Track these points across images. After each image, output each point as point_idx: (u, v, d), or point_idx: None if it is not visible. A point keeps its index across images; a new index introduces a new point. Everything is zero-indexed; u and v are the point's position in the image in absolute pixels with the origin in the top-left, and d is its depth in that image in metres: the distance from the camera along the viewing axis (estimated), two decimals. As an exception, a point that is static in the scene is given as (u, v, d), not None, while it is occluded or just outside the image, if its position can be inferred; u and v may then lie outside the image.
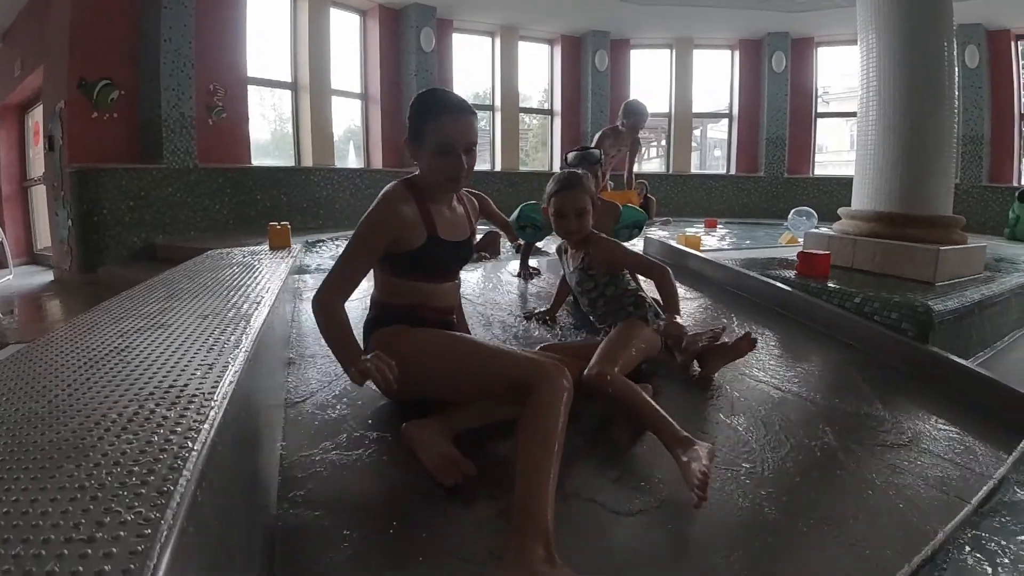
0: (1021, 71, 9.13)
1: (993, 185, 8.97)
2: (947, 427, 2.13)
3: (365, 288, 1.96)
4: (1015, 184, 8.77)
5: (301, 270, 4.21)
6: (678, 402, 2.08)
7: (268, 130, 8.64)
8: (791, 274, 3.44)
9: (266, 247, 4.43)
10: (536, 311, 2.98)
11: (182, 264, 3.59)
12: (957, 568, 1.42)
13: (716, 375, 2.32)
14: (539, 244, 4.56)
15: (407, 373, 1.59)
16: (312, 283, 3.77)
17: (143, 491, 0.75)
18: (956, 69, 3.95)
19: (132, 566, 0.61)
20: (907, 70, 3.83)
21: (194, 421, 0.97)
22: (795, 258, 3.59)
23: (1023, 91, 9.16)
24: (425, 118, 1.73)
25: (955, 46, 3.93)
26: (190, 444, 0.88)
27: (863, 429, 2.03)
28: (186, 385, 1.15)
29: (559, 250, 2.68)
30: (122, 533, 0.66)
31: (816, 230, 5.05)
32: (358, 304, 2.39)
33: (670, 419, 1.70)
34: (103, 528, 0.67)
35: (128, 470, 0.81)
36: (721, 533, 1.41)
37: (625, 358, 2.04)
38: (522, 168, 10.28)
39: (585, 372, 1.89)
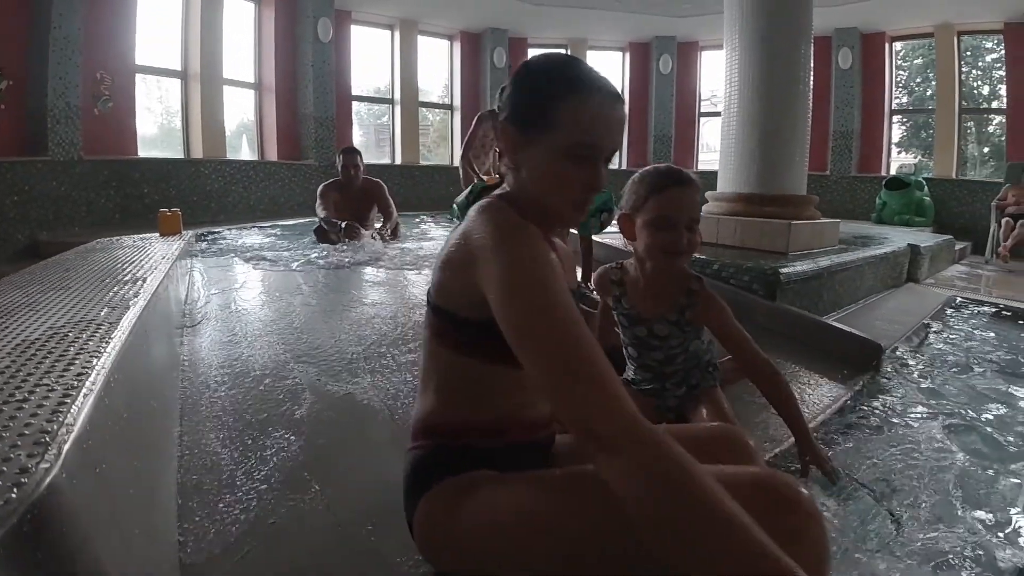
0: (895, 70, 10.04)
1: (862, 175, 9.81)
2: (795, 366, 2.62)
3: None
4: (882, 174, 9.61)
5: (192, 255, 4.25)
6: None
7: (155, 123, 8.37)
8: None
9: (156, 235, 4.40)
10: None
11: (73, 249, 3.56)
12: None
13: None
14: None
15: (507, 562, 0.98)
16: (210, 276, 3.77)
17: (65, 375, 0.90)
18: (811, 70, 4.48)
19: (60, 409, 0.77)
20: (766, 70, 4.30)
21: (103, 340, 1.12)
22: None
23: (895, 89, 10.08)
24: (555, 97, 1.04)
25: (812, 50, 4.46)
26: (103, 348, 1.03)
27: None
28: (93, 319, 1.28)
29: (606, 279, 1.85)
30: (50, 394, 0.82)
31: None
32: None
33: None
34: (34, 394, 0.83)
35: (52, 364, 0.95)
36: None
37: None
38: (423, 163, 10.41)
39: None
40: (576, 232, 3.45)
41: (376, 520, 1.34)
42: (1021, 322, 3.93)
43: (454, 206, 7.34)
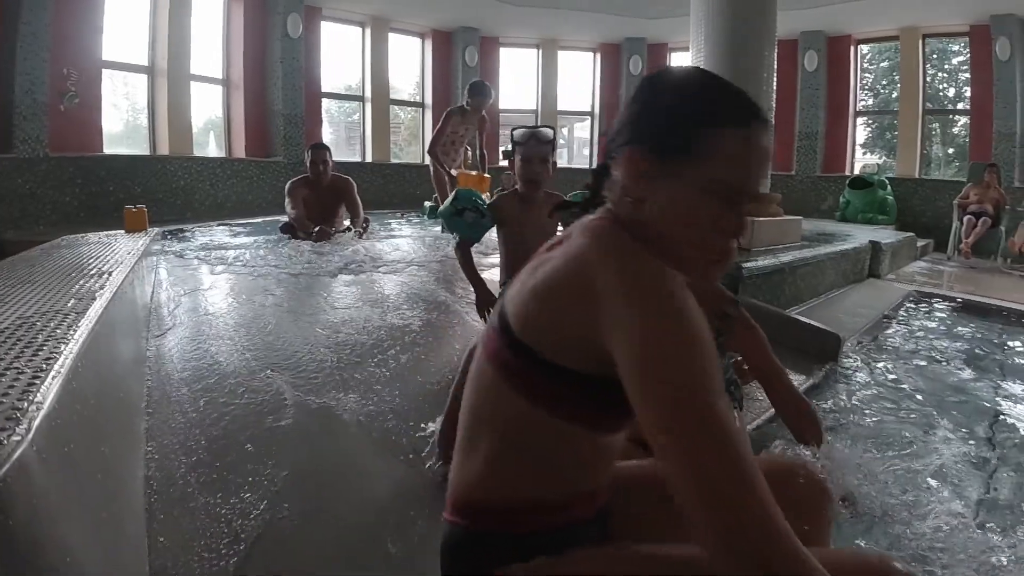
0: (859, 72, 10.27)
1: (827, 175, 10.01)
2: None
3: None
4: (847, 173, 9.82)
5: (158, 252, 4.21)
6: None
7: (120, 120, 8.26)
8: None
9: (122, 232, 4.35)
10: None
11: (38, 247, 3.52)
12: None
13: None
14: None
15: None
16: (177, 276, 3.73)
17: (34, 359, 0.93)
18: (775, 72, 4.60)
19: (31, 389, 0.80)
20: (730, 71, 4.40)
21: (71, 328, 1.14)
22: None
23: (859, 90, 10.30)
24: (709, 124, 0.87)
25: (775, 53, 4.59)
26: (71, 335, 1.06)
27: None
28: (60, 309, 1.30)
29: None
30: (20, 376, 0.85)
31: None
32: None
33: None
34: (5, 376, 0.86)
35: (22, 350, 0.98)
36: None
37: None
38: (394, 160, 10.39)
39: None
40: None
41: (354, 548, 1.32)
42: (981, 316, 4.07)
43: (426, 205, 7.34)
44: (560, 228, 2.95)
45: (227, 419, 1.80)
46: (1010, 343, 3.48)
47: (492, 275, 2.95)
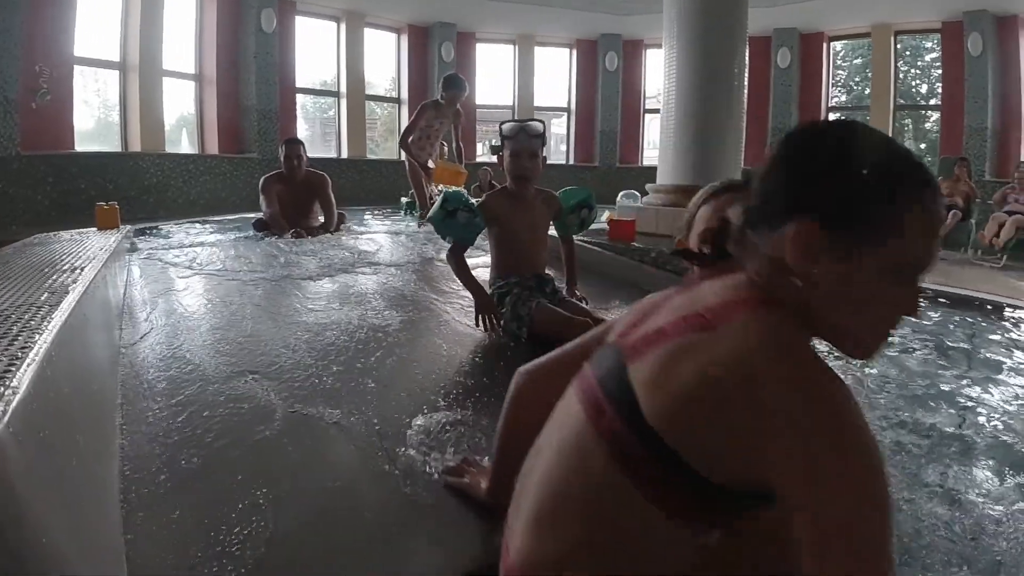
0: (832, 68, 10.49)
1: (800, 170, 10.18)
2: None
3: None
4: (821, 167, 10.01)
5: (131, 250, 4.14)
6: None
7: (92, 116, 8.15)
8: (603, 239, 3.93)
9: (94, 229, 4.29)
10: None
11: (10, 245, 3.46)
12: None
13: None
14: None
15: None
16: (152, 272, 3.67)
17: (9, 349, 0.93)
18: (746, 68, 4.67)
19: (6, 376, 0.81)
20: (702, 67, 4.50)
21: (45, 319, 1.14)
22: (607, 225, 4.09)
23: (831, 87, 10.53)
24: (905, 202, 0.76)
25: (747, 49, 4.67)
26: (45, 326, 1.06)
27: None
28: (34, 303, 1.29)
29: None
30: (3, 358, 0.85)
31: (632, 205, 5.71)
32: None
33: None
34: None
35: (1, 335, 0.98)
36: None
37: None
38: (370, 156, 10.35)
39: None
40: (557, 234, 3.01)
41: (351, 562, 1.28)
42: (951, 306, 4.13)
43: (403, 200, 7.32)
44: (552, 225, 2.90)
45: (212, 434, 1.73)
46: (979, 333, 3.54)
47: (478, 274, 2.90)
